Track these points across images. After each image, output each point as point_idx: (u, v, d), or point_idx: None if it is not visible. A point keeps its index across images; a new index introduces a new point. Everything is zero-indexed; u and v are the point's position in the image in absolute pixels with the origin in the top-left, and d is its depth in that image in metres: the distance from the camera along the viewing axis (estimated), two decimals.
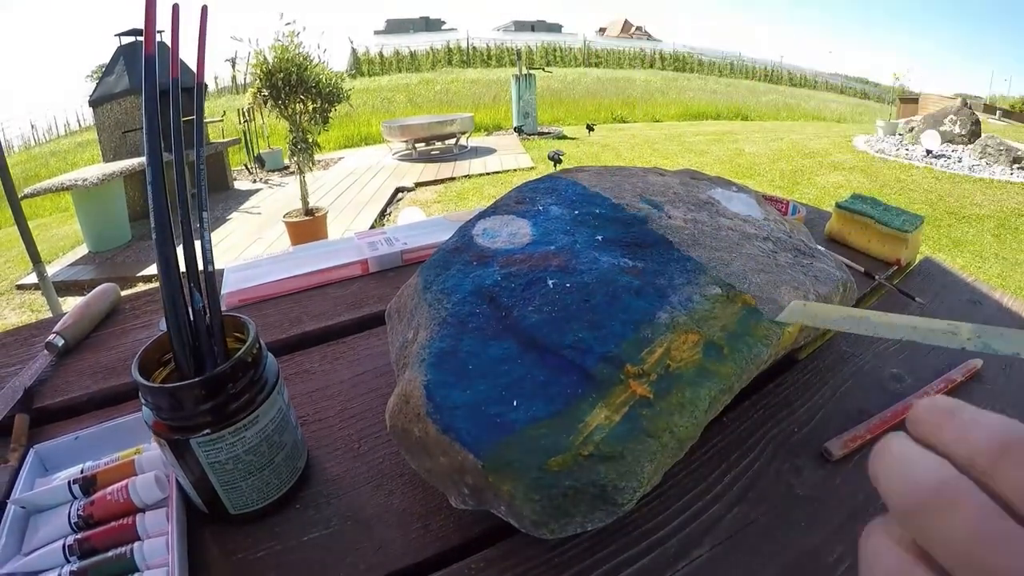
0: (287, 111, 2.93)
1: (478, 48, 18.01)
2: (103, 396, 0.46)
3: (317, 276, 0.63)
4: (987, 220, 3.55)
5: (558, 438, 0.28)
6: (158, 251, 0.29)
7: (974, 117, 5.81)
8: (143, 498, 0.32)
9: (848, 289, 0.41)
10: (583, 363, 0.31)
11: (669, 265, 0.37)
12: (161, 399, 0.29)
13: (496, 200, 0.45)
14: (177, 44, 0.30)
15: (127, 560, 0.29)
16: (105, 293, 0.59)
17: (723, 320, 0.34)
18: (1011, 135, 6.60)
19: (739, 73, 19.24)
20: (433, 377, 0.31)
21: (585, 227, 0.41)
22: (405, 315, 0.38)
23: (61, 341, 0.51)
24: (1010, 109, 12.90)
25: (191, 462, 0.30)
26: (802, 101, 14.15)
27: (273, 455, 0.33)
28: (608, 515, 0.28)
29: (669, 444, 0.29)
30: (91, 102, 4.38)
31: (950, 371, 0.43)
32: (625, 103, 10.65)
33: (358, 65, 15.95)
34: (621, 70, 17.11)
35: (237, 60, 7.87)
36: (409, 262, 0.67)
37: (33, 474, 0.36)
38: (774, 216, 0.46)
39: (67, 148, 10.34)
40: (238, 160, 5.98)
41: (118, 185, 3.73)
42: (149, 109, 0.27)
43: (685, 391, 0.30)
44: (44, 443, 0.37)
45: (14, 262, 3.60)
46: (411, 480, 0.36)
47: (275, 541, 0.32)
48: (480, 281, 0.36)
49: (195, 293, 0.31)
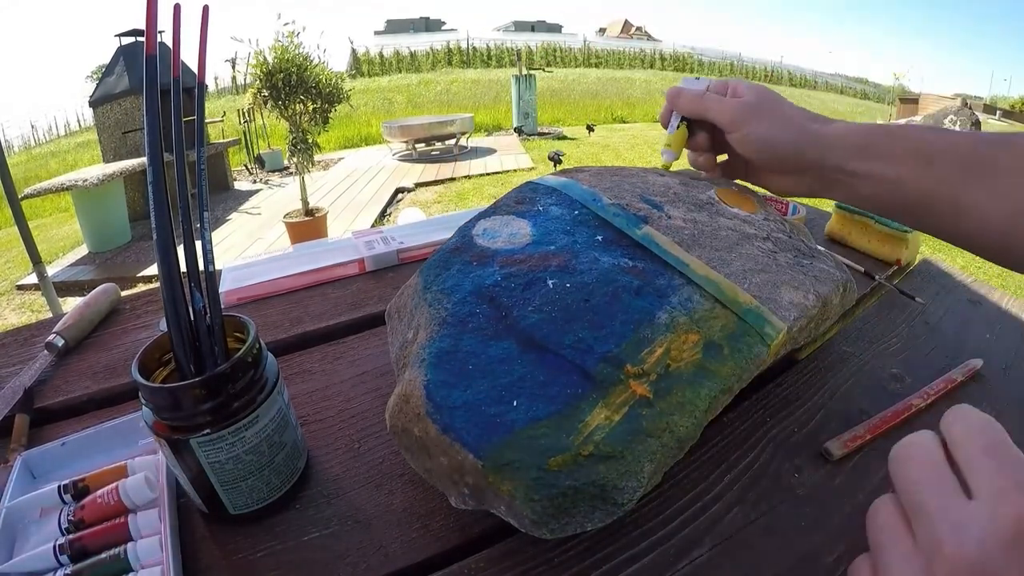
0: (287, 111, 2.93)
1: (478, 48, 18.02)
2: (103, 396, 0.46)
3: (313, 275, 0.63)
4: None
5: (558, 438, 0.28)
6: (159, 251, 0.29)
7: (974, 117, 5.82)
8: (134, 499, 0.32)
9: (848, 289, 0.41)
10: (583, 363, 0.31)
11: (669, 265, 0.37)
12: (161, 399, 0.29)
13: (496, 200, 0.45)
14: (178, 44, 0.30)
15: (121, 560, 0.29)
16: (105, 293, 0.59)
17: (723, 320, 0.34)
18: None
19: (739, 73, 19.25)
20: (433, 377, 0.31)
21: (585, 227, 0.41)
22: (405, 315, 0.38)
23: (61, 341, 0.51)
24: (1010, 109, 12.89)
25: (191, 462, 0.30)
26: (802, 101, 14.15)
27: (273, 455, 0.33)
28: (608, 515, 0.28)
29: (669, 444, 0.29)
30: (91, 103, 4.38)
31: (950, 371, 0.43)
32: (625, 103, 10.65)
33: (358, 65, 15.96)
34: (621, 70, 17.11)
35: (237, 60, 7.87)
36: (405, 261, 0.67)
37: (21, 482, 0.35)
38: (774, 216, 0.46)
39: (67, 148, 10.35)
40: (238, 160, 5.99)
41: (118, 185, 3.73)
42: (150, 109, 0.27)
43: (685, 391, 0.30)
44: (31, 450, 0.37)
45: (14, 262, 3.60)
46: (411, 480, 0.36)
47: (275, 541, 0.32)
48: (480, 281, 0.36)
49: (196, 293, 0.31)
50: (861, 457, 0.36)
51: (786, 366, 0.45)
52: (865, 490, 0.34)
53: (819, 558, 0.30)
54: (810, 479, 0.35)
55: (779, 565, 0.30)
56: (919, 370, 0.44)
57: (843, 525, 0.32)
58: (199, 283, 0.32)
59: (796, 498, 0.33)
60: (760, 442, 0.38)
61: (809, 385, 0.43)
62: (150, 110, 0.27)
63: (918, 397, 0.40)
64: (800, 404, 0.41)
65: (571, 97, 10.88)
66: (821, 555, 0.30)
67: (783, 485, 0.34)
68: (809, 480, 0.35)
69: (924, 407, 0.39)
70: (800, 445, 0.37)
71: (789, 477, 0.35)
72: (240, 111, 5.39)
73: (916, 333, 0.49)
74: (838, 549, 0.30)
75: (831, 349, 0.47)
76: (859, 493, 0.34)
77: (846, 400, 0.41)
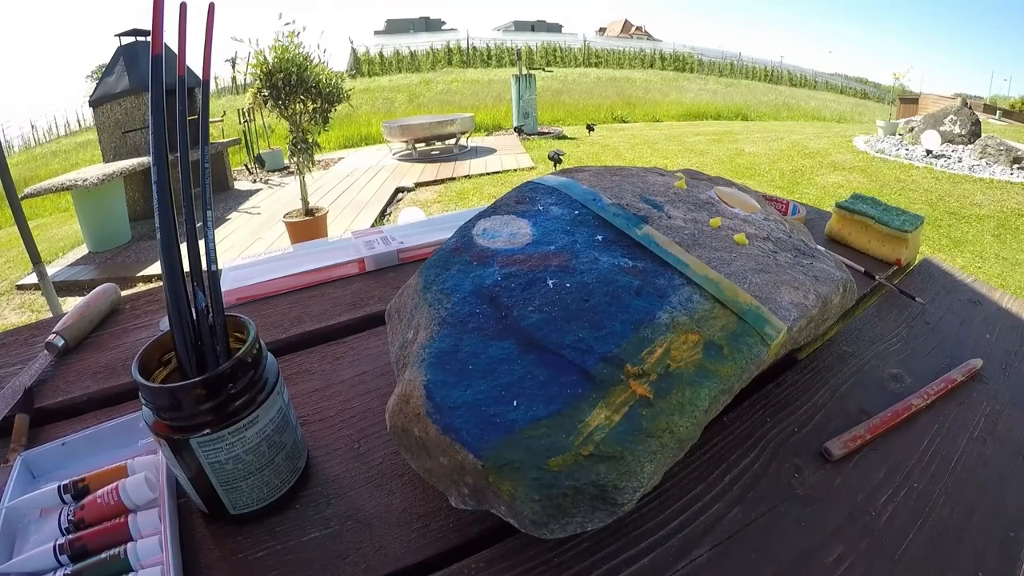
0: (287, 111, 2.92)
1: (478, 48, 18.01)
2: (103, 396, 0.46)
3: (314, 275, 0.63)
4: (987, 220, 3.55)
5: (558, 438, 0.28)
6: (162, 250, 0.29)
7: (974, 117, 5.81)
8: (133, 499, 0.32)
9: (848, 289, 0.41)
10: (583, 363, 0.31)
11: (669, 265, 0.37)
12: (161, 399, 0.29)
13: (496, 200, 0.45)
14: (184, 43, 0.30)
15: (121, 560, 0.29)
16: (105, 293, 0.59)
17: (723, 320, 0.34)
18: (1011, 135, 6.60)
19: (739, 73, 19.24)
20: (433, 377, 0.31)
21: (585, 227, 0.41)
22: (405, 315, 0.38)
23: (61, 341, 0.51)
24: (1010, 109, 12.89)
25: (191, 462, 0.30)
26: (802, 101, 14.15)
27: (273, 455, 0.33)
28: (608, 515, 0.28)
29: (669, 444, 0.29)
30: (91, 102, 4.37)
31: (950, 371, 0.43)
32: (625, 103, 10.65)
33: (358, 65, 15.95)
34: (621, 70, 17.11)
35: (237, 60, 7.87)
36: (405, 261, 0.67)
37: (21, 482, 0.35)
38: (774, 216, 0.46)
39: (67, 148, 10.34)
40: (238, 160, 5.99)
41: (118, 185, 3.73)
42: (155, 109, 0.27)
43: (685, 391, 0.30)
44: (31, 450, 0.37)
45: (14, 262, 3.60)
46: (411, 480, 0.36)
47: (275, 541, 0.32)
48: (480, 281, 0.36)
49: (198, 292, 0.31)
50: (861, 457, 0.36)
51: (786, 366, 0.45)
52: (865, 490, 0.34)
53: (819, 558, 0.30)
54: (810, 479, 0.35)
55: (779, 565, 0.30)
56: (919, 370, 0.44)
57: (843, 525, 0.32)
58: (201, 282, 0.32)
59: (796, 498, 0.34)
60: (760, 442, 0.38)
61: (809, 385, 0.43)
62: (155, 110, 0.27)
63: (918, 397, 0.40)
64: (800, 404, 0.41)
65: (571, 97, 10.88)
66: (821, 555, 0.30)
67: (783, 485, 0.34)
68: (809, 480, 0.35)
69: (924, 407, 0.39)
70: (800, 445, 0.37)
71: (789, 477, 0.35)
72: (240, 111, 5.39)
73: (916, 333, 0.49)
74: (838, 549, 0.30)
75: (831, 349, 0.47)
76: (859, 493, 0.34)
77: (846, 400, 0.41)
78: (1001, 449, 0.37)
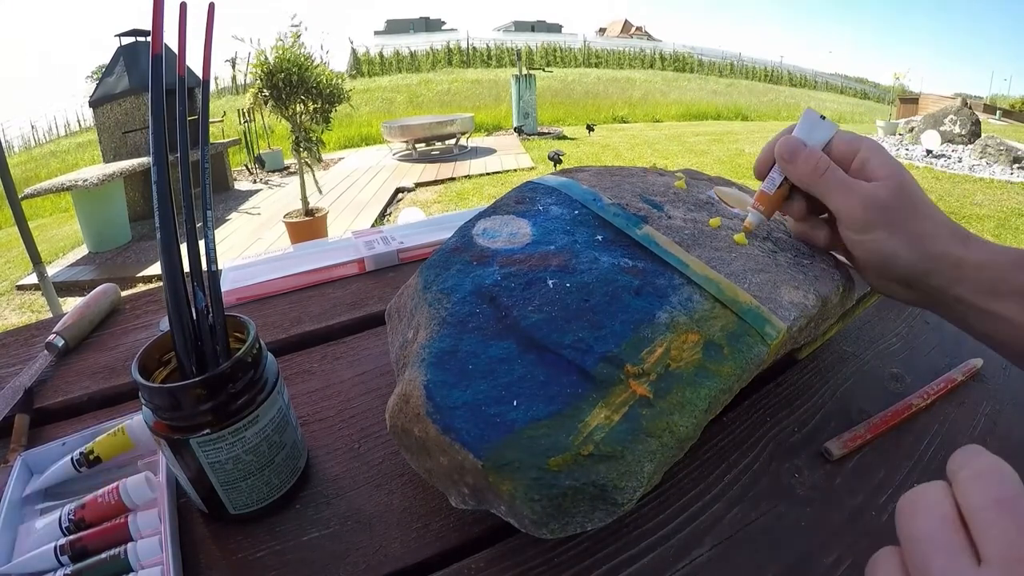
0: (287, 111, 2.93)
1: (478, 48, 18.02)
2: (103, 396, 0.46)
3: (313, 275, 0.63)
4: (987, 220, 3.55)
5: (558, 438, 0.28)
6: (162, 249, 0.29)
7: (974, 117, 5.81)
8: (134, 498, 0.32)
9: (848, 289, 0.41)
10: (583, 363, 0.31)
11: (669, 265, 0.37)
12: (161, 399, 0.29)
13: (496, 200, 0.45)
14: (184, 43, 0.30)
15: (121, 560, 0.29)
16: (105, 293, 0.59)
17: (723, 320, 0.34)
18: (1011, 135, 6.60)
19: (739, 73, 19.24)
20: (433, 377, 0.31)
21: (585, 227, 0.41)
22: (405, 315, 0.38)
23: (61, 341, 0.51)
24: (1010, 109, 12.89)
25: (191, 462, 0.30)
26: (802, 101, 14.16)
27: (273, 455, 0.33)
28: (608, 515, 0.28)
29: (669, 444, 0.29)
30: (91, 103, 4.38)
31: (950, 371, 0.43)
32: (625, 103, 10.65)
33: (358, 65, 15.95)
34: (621, 70, 17.11)
35: (237, 60, 7.87)
36: (405, 261, 0.67)
37: (21, 482, 0.35)
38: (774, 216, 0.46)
39: (67, 148, 10.35)
40: (238, 161, 5.99)
41: (118, 186, 3.73)
42: (155, 109, 0.27)
43: (685, 391, 0.30)
44: (31, 450, 0.37)
45: (14, 262, 3.60)
46: (411, 480, 0.36)
47: (275, 541, 0.32)
48: (480, 281, 0.36)
49: (198, 292, 0.31)
50: (861, 457, 0.36)
51: (786, 366, 0.45)
52: (865, 490, 0.34)
53: (819, 558, 0.30)
54: (810, 479, 0.35)
55: (779, 565, 0.30)
56: (919, 370, 0.44)
57: (843, 525, 0.32)
58: (201, 282, 0.32)
59: (796, 498, 0.34)
60: (760, 442, 0.38)
61: (809, 385, 0.43)
62: (155, 110, 0.27)
63: (918, 397, 0.40)
64: (800, 404, 0.41)
65: (571, 97, 10.88)
66: (821, 555, 0.30)
67: (783, 485, 0.34)
68: (809, 480, 0.35)
69: (924, 407, 0.39)
70: (800, 445, 0.37)
71: (789, 477, 0.35)
72: (240, 111, 5.39)
73: (916, 333, 0.49)
74: (838, 549, 0.30)
75: (831, 349, 0.47)
76: (859, 493, 0.34)
77: (846, 400, 0.41)
78: (1001, 449, 0.36)
